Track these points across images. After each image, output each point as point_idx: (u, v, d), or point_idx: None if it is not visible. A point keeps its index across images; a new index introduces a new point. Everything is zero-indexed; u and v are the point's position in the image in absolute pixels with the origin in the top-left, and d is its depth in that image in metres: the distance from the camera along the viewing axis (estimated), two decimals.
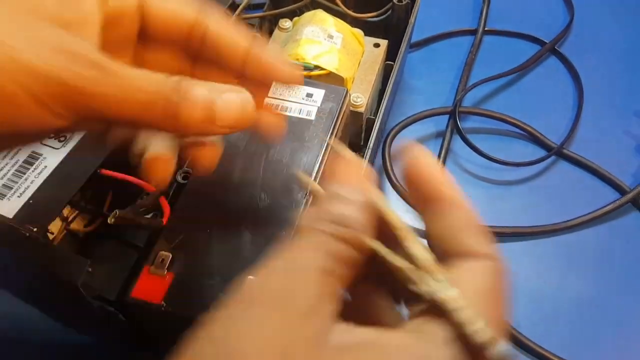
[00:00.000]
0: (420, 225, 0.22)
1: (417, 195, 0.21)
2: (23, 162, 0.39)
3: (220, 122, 0.25)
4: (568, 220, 0.51)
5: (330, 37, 0.46)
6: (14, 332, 0.45)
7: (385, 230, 0.21)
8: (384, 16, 0.53)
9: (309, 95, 0.39)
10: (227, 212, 0.34)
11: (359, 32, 0.49)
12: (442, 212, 0.20)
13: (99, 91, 0.22)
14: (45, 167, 0.39)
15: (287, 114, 0.38)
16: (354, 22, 0.51)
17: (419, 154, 0.21)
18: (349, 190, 0.21)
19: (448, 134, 0.57)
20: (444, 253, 0.20)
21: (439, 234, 0.21)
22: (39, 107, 0.22)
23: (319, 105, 0.39)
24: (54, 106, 0.22)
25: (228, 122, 0.25)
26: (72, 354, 0.44)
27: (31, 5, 0.22)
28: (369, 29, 0.52)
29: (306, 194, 0.34)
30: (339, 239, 0.19)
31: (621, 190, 0.54)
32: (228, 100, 0.25)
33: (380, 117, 0.46)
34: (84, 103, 0.22)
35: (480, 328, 0.17)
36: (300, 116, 0.38)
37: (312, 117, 0.38)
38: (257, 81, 0.29)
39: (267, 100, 0.39)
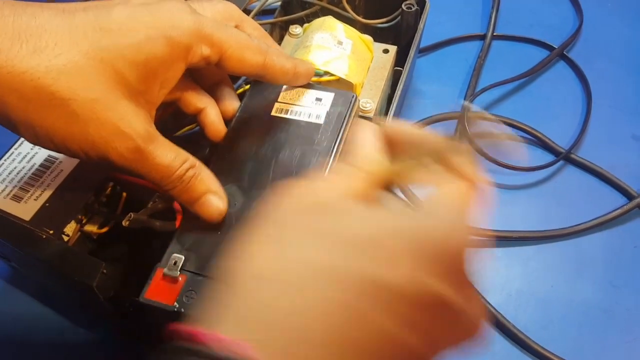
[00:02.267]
0: None
1: (398, 147, 0.29)
2: (39, 165, 0.40)
3: (197, 209, 0.34)
4: (576, 225, 0.52)
5: (340, 43, 0.47)
6: (30, 332, 0.46)
7: None
8: (393, 22, 0.54)
9: (318, 99, 0.40)
10: (237, 215, 0.35)
11: (368, 38, 0.50)
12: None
13: (129, 166, 0.32)
14: (61, 170, 0.40)
15: (297, 117, 0.39)
16: (363, 29, 0.52)
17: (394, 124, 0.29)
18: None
19: (456, 139, 0.57)
20: None
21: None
22: (83, 156, 0.32)
23: (328, 109, 0.39)
24: (93, 159, 0.32)
25: (204, 216, 0.34)
26: (85, 355, 0.45)
27: (118, 79, 0.30)
28: (378, 35, 0.52)
29: None
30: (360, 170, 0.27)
31: (629, 196, 0.54)
32: (210, 201, 0.34)
33: None
34: (115, 165, 0.32)
35: None
36: (309, 120, 0.39)
37: (321, 121, 0.38)
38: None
39: (276, 104, 0.40)
